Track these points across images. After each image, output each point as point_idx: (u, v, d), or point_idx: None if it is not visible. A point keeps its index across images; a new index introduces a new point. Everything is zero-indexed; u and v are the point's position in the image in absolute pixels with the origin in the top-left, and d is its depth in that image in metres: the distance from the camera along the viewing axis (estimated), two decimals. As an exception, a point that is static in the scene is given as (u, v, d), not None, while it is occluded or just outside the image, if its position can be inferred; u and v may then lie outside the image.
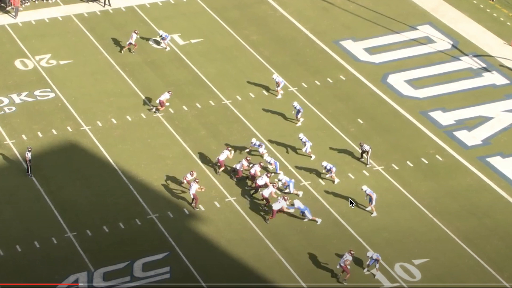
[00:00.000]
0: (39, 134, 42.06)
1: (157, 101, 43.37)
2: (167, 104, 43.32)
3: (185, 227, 36.84)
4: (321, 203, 38.03)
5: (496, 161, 40.55)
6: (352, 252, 34.30)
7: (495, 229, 36.98)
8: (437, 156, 41.04)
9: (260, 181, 37.83)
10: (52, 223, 36.83)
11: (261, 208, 37.66)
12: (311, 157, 40.30)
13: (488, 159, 40.67)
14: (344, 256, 34.10)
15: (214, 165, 39.89)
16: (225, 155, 39.30)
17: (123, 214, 37.32)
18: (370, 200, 37.07)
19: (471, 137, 42.09)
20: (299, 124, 42.38)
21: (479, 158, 40.81)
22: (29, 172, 39.07)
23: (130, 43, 47.06)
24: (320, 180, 39.13)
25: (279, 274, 34.72)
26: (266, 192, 37.21)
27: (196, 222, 37.09)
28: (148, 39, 48.69)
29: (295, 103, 42.53)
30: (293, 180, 38.31)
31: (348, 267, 34.00)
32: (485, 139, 42.02)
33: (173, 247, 35.79)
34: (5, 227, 36.62)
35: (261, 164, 38.95)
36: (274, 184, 37.67)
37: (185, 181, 38.09)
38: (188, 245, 35.92)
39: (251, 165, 38.86)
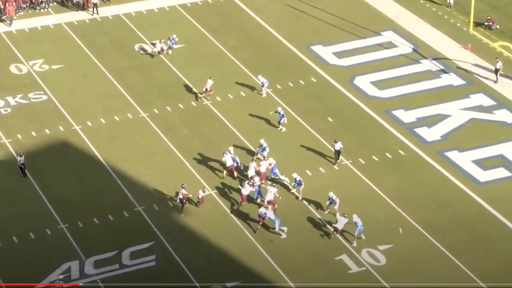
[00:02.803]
0: (33, 133, 42.01)
1: (204, 89, 43.40)
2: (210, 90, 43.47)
3: (169, 219, 36.95)
4: (293, 197, 38.19)
5: (454, 155, 40.89)
6: (345, 215, 34.90)
7: (454, 218, 37.22)
8: (400, 151, 41.34)
9: (244, 191, 36.59)
10: (46, 216, 36.82)
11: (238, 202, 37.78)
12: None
13: (446, 153, 41.05)
14: (340, 219, 34.82)
15: (200, 162, 39.94)
16: (230, 160, 38.06)
17: (112, 207, 37.38)
18: (332, 203, 36.37)
19: (431, 133, 42.46)
20: (283, 130, 41.82)
21: (438, 152, 41.16)
22: (24, 174, 38.61)
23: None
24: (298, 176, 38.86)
25: (255, 260, 34.82)
26: (269, 196, 36.35)
27: (179, 214, 37.23)
28: (135, 45, 48.74)
29: (279, 109, 42.17)
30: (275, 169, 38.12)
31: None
32: (443, 135, 42.35)
33: (158, 237, 35.90)
34: (1, 221, 36.62)
35: (255, 162, 38.08)
36: (272, 184, 36.74)
37: (198, 198, 36.69)
38: (172, 235, 36.04)
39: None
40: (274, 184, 36.88)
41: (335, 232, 35.47)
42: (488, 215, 37.33)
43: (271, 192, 36.43)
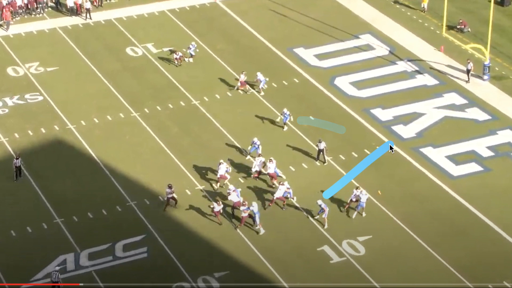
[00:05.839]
0: (30, 132, 41.89)
1: (238, 83, 43.88)
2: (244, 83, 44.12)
3: (160, 213, 36.94)
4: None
5: (428, 151, 41.11)
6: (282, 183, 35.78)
7: (429, 210, 37.23)
8: (378, 147, 41.50)
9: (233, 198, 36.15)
10: (42, 211, 36.71)
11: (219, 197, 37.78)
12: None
13: (421, 149, 41.23)
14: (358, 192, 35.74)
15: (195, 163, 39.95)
16: (223, 169, 37.45)
17: (105, 202, 37.33)
18: (322, 211, 35.84)
19: (407, 131, 42.64)
20: (285, 128, 41.93)
21: (413, 148, 41.36)
22: (19, 176, 38.03)
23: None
24: (283, 176, 38.94)
25: (242, 251, 34.94)
26: (279, 193, 36.30)
27: (169, 208, 37.19)
28: (126, 48, 48.64)
29: (285, 110, 41.95)
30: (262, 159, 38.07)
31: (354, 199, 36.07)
32: (418, 132, 42.58)
33: (149, 230, 35.88)
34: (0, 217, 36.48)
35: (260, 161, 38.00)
36: (282, 183, 36.48)
37: (214, 213, 35.72)
38: (162, 227, 36.04)
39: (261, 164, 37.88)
40: (282, 182, 36.74)
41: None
42: (461, 208, 37.52)
43: (280, 190, 36.32)
